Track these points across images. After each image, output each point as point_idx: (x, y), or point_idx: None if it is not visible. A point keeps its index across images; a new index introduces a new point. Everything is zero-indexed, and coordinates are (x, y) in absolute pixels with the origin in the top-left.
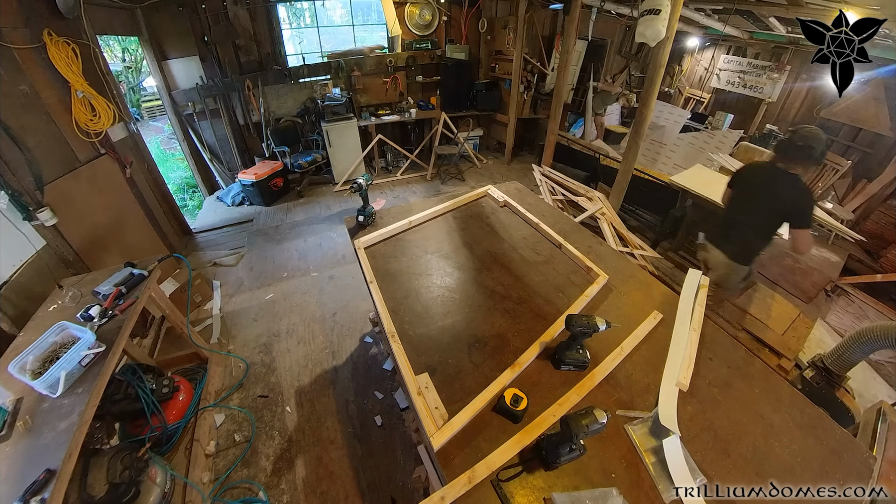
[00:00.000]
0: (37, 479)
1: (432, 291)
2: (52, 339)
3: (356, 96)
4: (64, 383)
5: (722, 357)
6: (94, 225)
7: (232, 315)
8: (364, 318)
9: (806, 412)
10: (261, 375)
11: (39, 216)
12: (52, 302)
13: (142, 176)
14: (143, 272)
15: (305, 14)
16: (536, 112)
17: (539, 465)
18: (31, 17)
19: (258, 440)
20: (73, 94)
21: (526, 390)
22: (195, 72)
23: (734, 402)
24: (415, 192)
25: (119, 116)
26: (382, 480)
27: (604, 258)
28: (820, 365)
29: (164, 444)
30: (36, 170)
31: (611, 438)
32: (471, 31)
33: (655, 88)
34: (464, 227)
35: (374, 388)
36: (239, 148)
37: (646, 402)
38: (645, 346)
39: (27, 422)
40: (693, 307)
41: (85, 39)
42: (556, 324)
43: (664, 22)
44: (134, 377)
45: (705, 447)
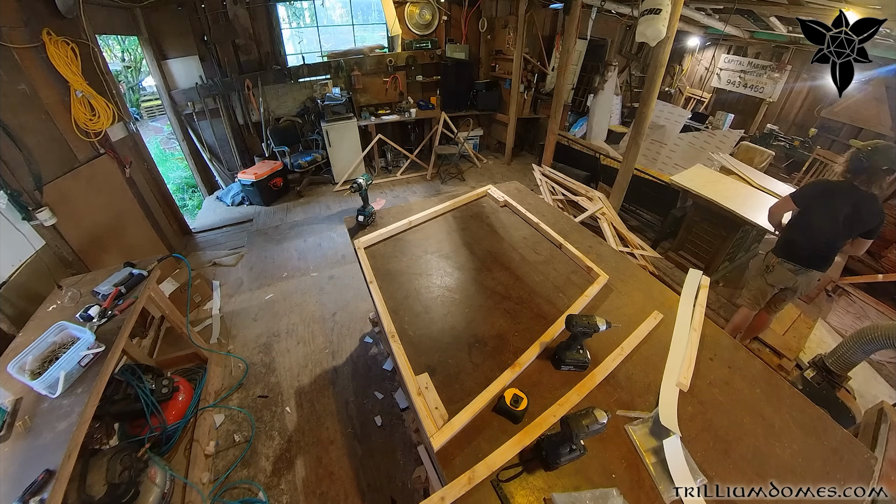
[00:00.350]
0: (36, 480)
1: (432, 291)
2: (52, 339)
3: (356, 96)
4: (63, 383)
5: (722, 357)
6: (94, 225)
7: (231, 315)
8: (364, 319)
9: (807, 412)
10: (260, 376)
11: (38, 216)
12: (52, 302)
13: (141, 176)
14: (142, 272)
15: (305, 13)
16: (537, 112)
17: (539, 466)
18: (31, 17)
19: (258, 440)
20: (72, 93)
21: (526, 390)
22: (195, 71)
23: (735, 402)
24: (415, 191)
25: (118, 116)
26: (382, 481)
27: (604, 258)
28: (821, 365)
29: (164, 444)
30: (35, 169)
31: (611, 439)
32: (471, 30)
33: (656, 88)
34: (464, 227)
35: (373, 388)
36: (238, 148)
37: (646, 402)
38: (645, 347)
39: (26, 422)
40: (693, 307)
41: (84, 39)
42: (557, 324)
43: (665, 21)
44: (133, 377)
45: (706, 447)
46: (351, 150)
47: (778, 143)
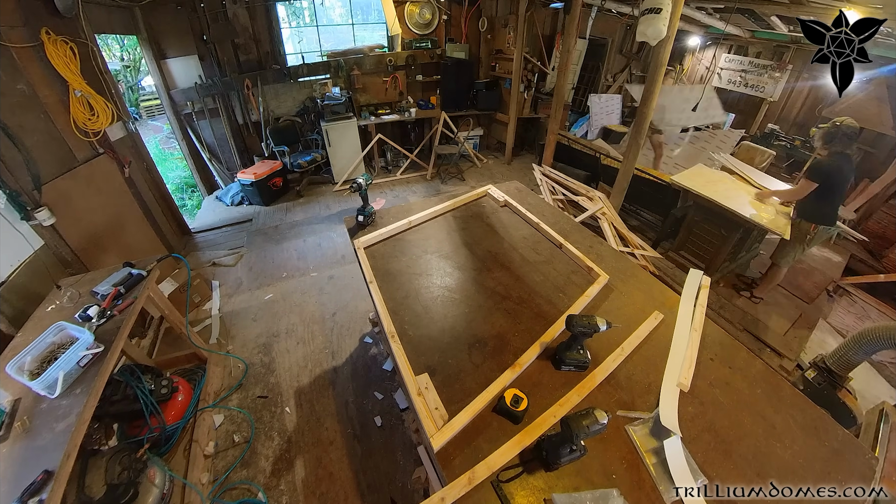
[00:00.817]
0: (35, 481)
1: (432, 292)
2: (51, 339)
3: (356, 95)
4: (62, 384)
5: (723, 357)
6: (93, 225)
7: (231, 315)
8: (364, 319)
9: (808, 413)
10: (260, 376)
11: (37, 216)
12: (50, 302)
13: (140, 175)
14: (141, 272)
15: (305, 13)
16: (537, 111)
17: (539, 466)
18: (30, 16)
19: (257, 441)
20: (71, 93)
21: (526, 391)
22: (194, 71)
23: (735, 402)
24: (415, 191)
25: (117, 116)
26: (382, 481)
27: (604, 258)
28: (822, 365)
29: (163, 444)
30: (34, 169)
31: (611, 439)
32: (471, 29)
33: (657, 88)
34: (464, 227)
35: (373, 388)
36: (238, 147)
37: (647, 402)
38: (646, 347)
39: (25, 422)
40: (694, 307)
41: (83, 38)
42: (557, 324)
43: (665, 21)
44: (132, 378)
45: (706, 448)
46: (350, 150)
47: (779, 142)
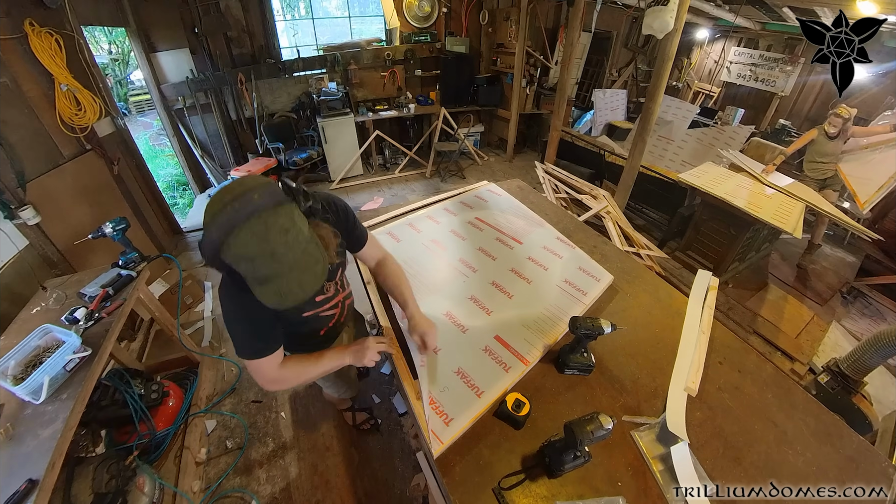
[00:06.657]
0: (18, 490)
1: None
2: (35, 342)
3: (353, 91)
4: (47, 389)
5: (732, 361)
6: (80, 224)
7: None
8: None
9: (821, 419)
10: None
11: (21, 215)
12: (35, 304)
13: (130, 173)
14: (131, 273)
15: (300, 5)
16: (539, 107)
17: (542, 473)
18: (12, 7)
19: (251, 447)
20: (56, 87)
21: (528, 395)
22: (185, 65)
23: (745, 407)
24: (413, 189)
25: (105, 111)
26: (380, 489)
27: (609, 258)
28: (835, 370)
29: (153, 451)
30: (18, 166)
31: (617, 445)
32: (471, 23)
33: (663, 82)
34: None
35: (371, 392)
36: (231, 144)
37: (653, 407)
38: (652, 350)
39: (8, 429)
40: (702, 309)
41: (69, 30)
42: (560, 326)
43: (672, 13)
44: (121, 382)
45: (715, 454)
46: (347, 147)
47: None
